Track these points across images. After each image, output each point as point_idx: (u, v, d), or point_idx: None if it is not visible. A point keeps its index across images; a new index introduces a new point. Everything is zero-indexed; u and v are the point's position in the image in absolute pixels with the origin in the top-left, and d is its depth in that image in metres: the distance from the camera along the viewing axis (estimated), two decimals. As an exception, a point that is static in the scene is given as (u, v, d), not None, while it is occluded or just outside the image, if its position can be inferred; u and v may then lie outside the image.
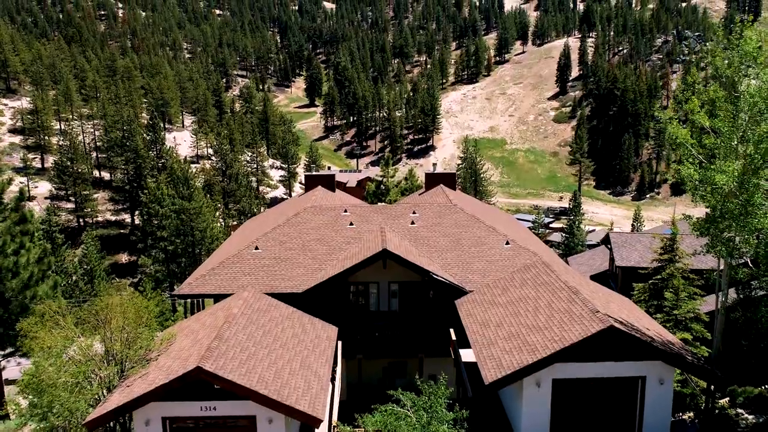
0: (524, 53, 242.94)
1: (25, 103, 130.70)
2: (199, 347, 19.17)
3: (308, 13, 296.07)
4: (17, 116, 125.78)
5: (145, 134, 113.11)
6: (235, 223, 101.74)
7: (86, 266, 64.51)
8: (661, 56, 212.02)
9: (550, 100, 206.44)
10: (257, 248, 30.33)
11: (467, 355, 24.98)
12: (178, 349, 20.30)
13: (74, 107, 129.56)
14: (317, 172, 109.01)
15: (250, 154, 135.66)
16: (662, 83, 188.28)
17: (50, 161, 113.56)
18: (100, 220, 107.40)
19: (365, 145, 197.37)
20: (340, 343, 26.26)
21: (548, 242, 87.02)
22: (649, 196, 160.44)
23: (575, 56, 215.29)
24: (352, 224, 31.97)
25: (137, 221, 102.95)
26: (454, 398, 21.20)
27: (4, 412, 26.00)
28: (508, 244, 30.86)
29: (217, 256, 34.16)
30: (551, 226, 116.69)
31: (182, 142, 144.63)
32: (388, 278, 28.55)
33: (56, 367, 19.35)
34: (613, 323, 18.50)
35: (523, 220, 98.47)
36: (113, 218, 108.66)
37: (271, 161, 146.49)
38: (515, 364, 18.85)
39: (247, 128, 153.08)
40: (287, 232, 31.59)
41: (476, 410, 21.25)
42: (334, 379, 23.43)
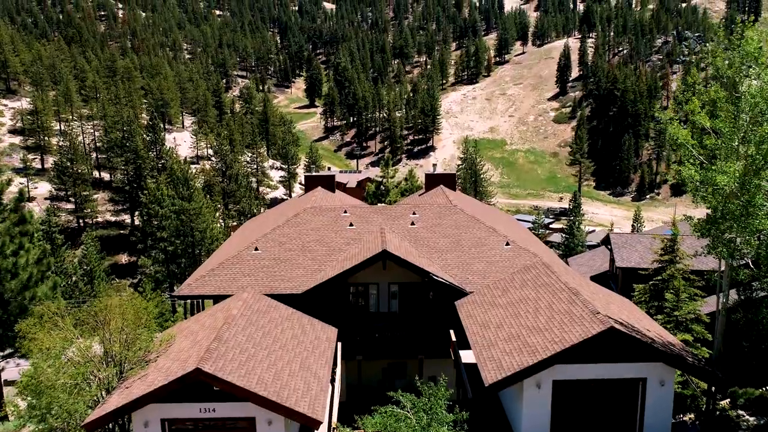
0: (524, 54, 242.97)
1: (25, 103, 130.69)
2: (198, 348, 19.11)
3: (308, 13, 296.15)
4: (17, 117, 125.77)
5: (145, 135, 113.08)
6: (234, 223, 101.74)
7: (86, 267, 64.44)
8: (661, 57, 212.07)
9: (550, 100, 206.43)
10: (257, 249, 30.29)
11: (467, 356, 24.92)
12: (177, 350, 20.24)
13: (74, 108, 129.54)
14: (317, 172, 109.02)
15: (250, 154, 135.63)
16: (662, 84, 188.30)
17: (50, 162, 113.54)
18: (99, 220, 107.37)
19: (365, 145, 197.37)
20: (339, 344, 26.21)
21: (548, 243, 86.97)
22: (649, 196, 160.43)
23: (575, 57, 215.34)
24: (352, 225, 31.93)
25: (137, 222, 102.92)
26: (454, 400, 21.16)
27: (3, 413, 25.95)
28: (508, 245, 30.81)
29: (216, 257, 34.13)
30: (551, 226, 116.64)
31: (182, 142, 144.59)
32: (387, 279, 28.52)
33: (55, 368, 19.30)
34: (613, 324, 18.45)
35: (523, 220, 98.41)
36: (113, 219, 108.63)
37: (271, 162, 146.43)
38: (515, 365, 18.80)
39: (247, 129, 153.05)
40: (287, 233, 31.55)
41: (476, 412, 21.20)
42: (333, 380, 23.39)
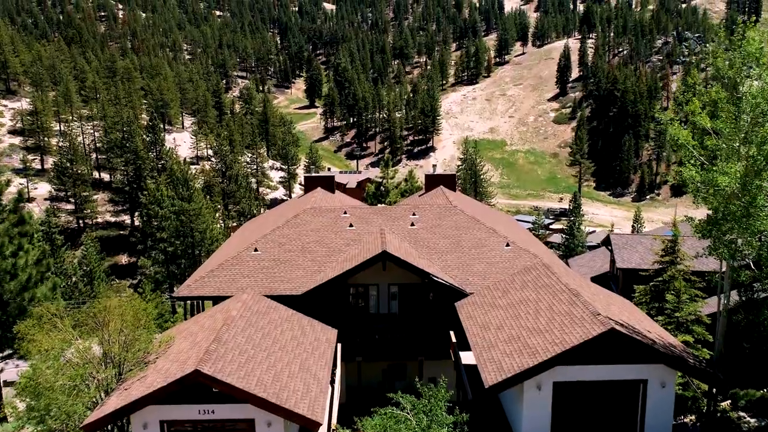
0: (524, 54, 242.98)
1: (24, 104, 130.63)
2: (197, 350, 19.05)
3: (308, 14, 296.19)
4: (17, 117, 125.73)
5: (144, 135, 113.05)
6: (234, 224, 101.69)
7: (86, 267, 64.38)
8: (661, 57, 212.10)
9: (550, 101, 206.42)
10: (256, 250, 30.22)
11: (467, 357, 24.85)
12: (176, 351, 20.18)
13: (74, 108, 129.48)
14: (317, 173, 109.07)
15: (249, 155, 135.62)
16: (662, 84, 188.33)
17: (50, 162, 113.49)
18: (99, 221, 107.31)
19: (365, 146, 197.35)
20: (339, 345, 26.14)
21: (548, 243, 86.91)
22: (649, 197, 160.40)
23: (575, 57, 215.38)
24: (351, 226, 31.86)
25: (137, 222, 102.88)
26: (454, 401, 21.08)
27: (2, 414, 25.90)
28: (508, 246, 30.74)
29: (216, 257, 34.06)
30: (551, 227, 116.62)
31: (182, 143, 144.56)
32: (387, 280, 28.45)
33: (54, 369, 19.24)
34: (614, 326, 18.37)
35: (523, 221, 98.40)
36: (113, 219, 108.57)
37: (270, 162, 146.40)
38: (516, 367, 18.72)
39: (246, 129, 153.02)
40: (286, 233, 31.48)
41: (476, 413, 21.13)
42: (333, 381, 23.32)
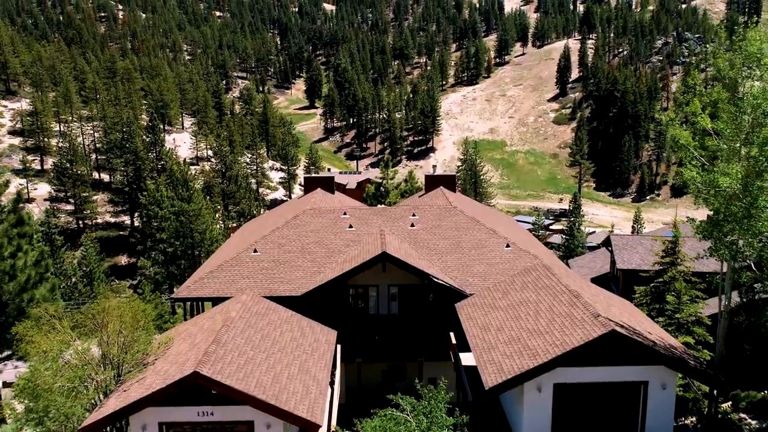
0: (524, 55, 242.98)
1: (24, 104, 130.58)
2: (196, 351, 18.97)
3: (308, 14, 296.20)
4: (17, 118, 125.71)
5: (144, 136, 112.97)
6: (234, 225, 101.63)
7: (85, 268, 64.35)
8: (661, 58, 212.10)
9: (550, 101, 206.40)
10: (256, 251, 30.15)
11: (467, 358, 24.77)
12: (175, 353, 20.11)
13: (74, 109, 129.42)
14: (317, 173, 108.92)
15: (249, 155, 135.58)
16: (662, 85, 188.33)
17: (50, 163, 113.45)
18: (99, 221, 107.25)
19: (365, 146, 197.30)
20: (339, 346, 26.06)
21: (548, 244, 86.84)
22: (649, 197, 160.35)
23: (575, 58, 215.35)
24: (351, 227, 31.78)
25: (137, 223, 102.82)
26: (454, 403, 20.98)
27: (1, 415, 25.82)
28: (508, 246, 30.67)
29: (215, 258, 34.00)
30: (551, 227, 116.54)
31: (182, 143, 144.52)
32: (387, 281, 28.39)
33: (52, 371, 19.17)
34: (614, 327, 18.30)
35: (523, 221, 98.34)
36: (113, 220, 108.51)
37: (270, 163, 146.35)
38: (516, 368, 18.65)
39: (246, 130, 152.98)
40: (286, 234, 31.41)
41: (477, 415, 21.05)
42: (333, 383, 23.25)
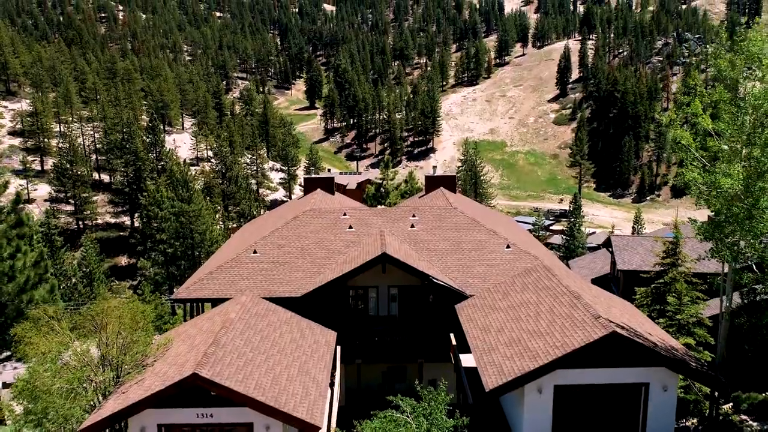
0: (524, 55, 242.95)
1: (24, 105, 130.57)
2: (195, 353, 18.90)
3: (308, 15, 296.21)
4: (17, 118, 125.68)
5: (144, 136, 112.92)
6: (234, 225, 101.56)
7: (85, 269, 64.32)
8: (661, 58, 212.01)
9: (550, 102, 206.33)
10: (255, 252, 30.08)
11: (467, 360, 24.69)
12: (174, 354, 20.03)
13: (74, 109, 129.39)
14: (317, 174, 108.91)
15: (249, 156, 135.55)
16: (662, 85, 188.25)
17: (50, 163, 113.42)
18: (99, 222, 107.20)
19: (365, 147, 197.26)
20: (339, 348, 25.98)
21: (548, 245, 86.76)
22: (649, 198, 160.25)
23: (575, 58, 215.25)
24: (351, 228, 31.71)
25: (137, 224, 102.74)
26: (454, 404, 20.90)
27: (0, 416, 25.76)
28: (508, 247, 30.59)
29: (215, 259, 33.94)
30: (551, 228, 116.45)
31: (182, 144, 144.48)
32: (387, 282, 28.31)
33: (51, 372, 19.09)
34: (615, 329, 18.23)
35: (523, 222, 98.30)
36: (113, 221, 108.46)
37: (271, 163, 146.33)
38: (516, 370, 18.58)
39: (247, 130, 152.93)
40: (286, 235, 31.34)
41: (477, 417, 20.97)
42: (332, 384, 23.17)
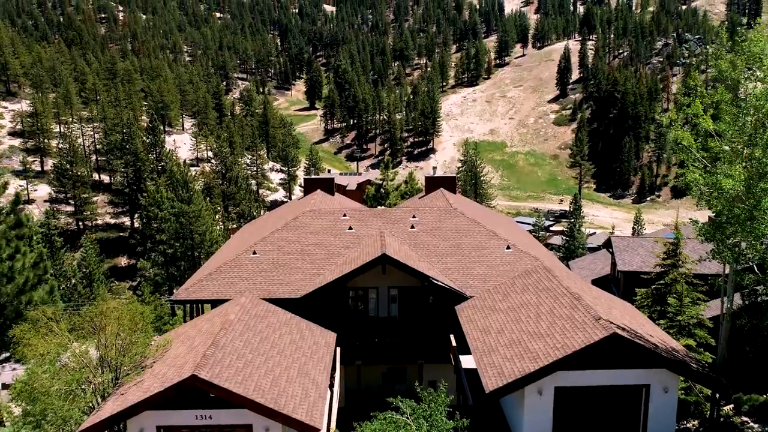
0: (524, 56, 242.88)
1: (24, 106, 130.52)
2: (194, 354, 18.84)
3: (308, 16, 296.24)
4: (17, 119, 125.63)
5: (144, 137, 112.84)
6: (234, 226, 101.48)
7: (85, 269, 64.26)
8: (661, 59, 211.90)
9: (550, 102, 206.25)
10: (255, 253, 30.01)
11: (468, 361, 24.62)
12: (173, 356, 19.97)
13: (74, 110, 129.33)
14: (317, 174, 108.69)
15: (250, 157, 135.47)
16: (663, 86, 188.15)
17: (50, 164, 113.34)
18: (99, 223, 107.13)
19: (365, 147, 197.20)
20: (338, 349, 25.91)
21: (548, 245, 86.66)
22: (649, 198, 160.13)
23: (575, 59, 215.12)
24: (351, 228, 31.65)
25: (137, 224, 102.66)
26: (454, 406, 20.84)
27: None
28: (509, 248, 30.52)
29: (214, 260, 33.87)
30: (551, 229, 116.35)
31: (182, 145, 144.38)
32: (387, 283, 28.25)
33: (50, 374, 19.03)
34: (616, 330, 18.16)
35: (523, 223, 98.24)
36: (113, 221, 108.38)
37: (271, 164, 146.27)
38: (516, 371, 18.51)
39: (247, 131, 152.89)
40: (285, 236, 31.27)
41: (477, 418, 20.90)
42: (332, 385, 23.11)
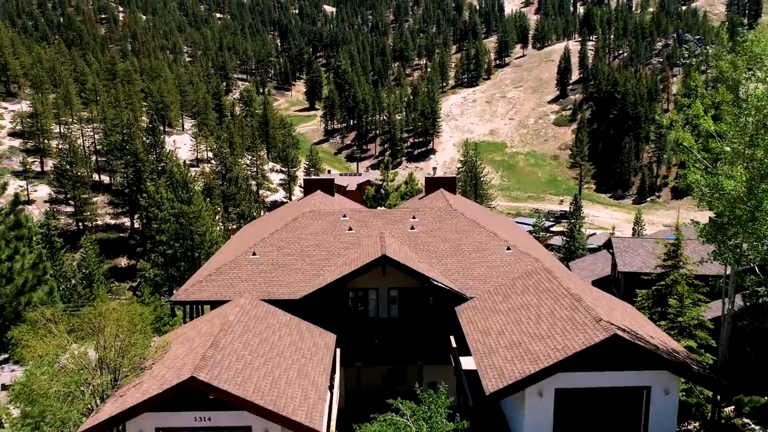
0: (524, 57, 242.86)
1: (24, 106, 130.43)
2: (194, 356, 18.78)
3: (308, 16, 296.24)
4: (17, 120, 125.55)
5: (144, 138, 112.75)
6: (234, 226, 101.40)
7: (85, 270, 64.14)
8: (661, 59, 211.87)
9: (550, 103, 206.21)
10: (255, 254, 29.95)
11: (468, 362, 24.55)
12: (173, 357, 19.91)
13: (74, 111, 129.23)
14: (317, 175, 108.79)
15: (250, 157, 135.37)
16: (663, 86, 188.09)
17: (50, 165, 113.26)
18: (99, 223, 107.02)
19: (365, 148, 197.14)
20: (338, 350, 25.85)
21: (549, 246, 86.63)
22: (649, 199, 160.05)
23: (575, 59, 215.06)
24: (351, 229, 31.58)
25: (137, 225, 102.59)
26: (454, 407, 20.78)
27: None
28: (509, 249, 30.46)
29: (214, 261, 33.81)
30: (552, 229, 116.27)
31: (182, 145, 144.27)
32: (387, 284, 28.19)
33: (48, 376, 18.97)
34: (617, 332, 18.09)
35: (523, 223, 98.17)
36: (113, 222, 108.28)
37: (271, 165, 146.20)
38: (517, 373, 18.44)
39: (247, 132, 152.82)
40: (285, 237, 31.21)
41: (477, 420, 20.83)
42: (332, 387, 23.04)
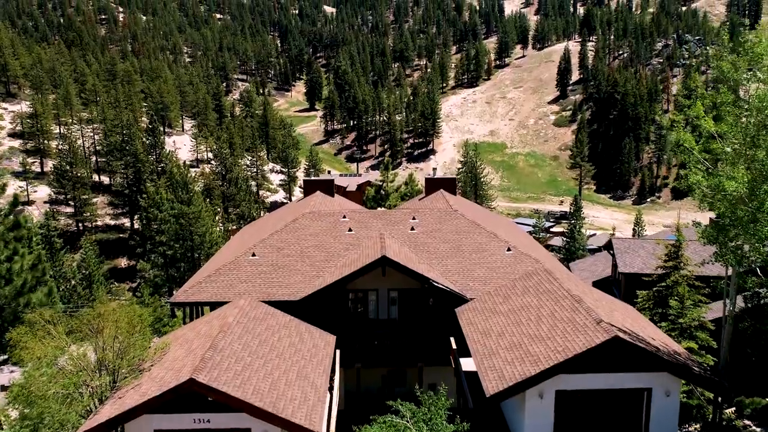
0: (524, 57, 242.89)
1: (24, 107, 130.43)
2: (193, 357, 18.72)
3: (308, 17, 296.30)
4: (17, 120, 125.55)
5: (144, 138, 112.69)
6: (234, 227, 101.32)
7: (85, 271, 64.03)
8: (661, 60, 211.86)
9: (550, 103, 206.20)
10: (254, 255, 29.88)
11: (468, 364, 24.49)
12: (171, 359, 19.85)
13: (74, 111, 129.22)
14: (317, 176, 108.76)
15: (250, 158, 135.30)
16: (663, 87, 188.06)
17: (50, 165, 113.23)
18: (99, 224, 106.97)
19: (365, 149, 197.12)
20: (338, 351, 25.77)
21: (549, 246, 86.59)
22: (650, 200, 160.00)
23: (575, 60, 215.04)
24: (350, 230, 31.52)
25: (136, 226, 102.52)
26: (454, 409, 20.71)
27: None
28: (509, 250, 30.39)
29: (214, 262, 33.74)
30: (552, 230, 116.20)
31: (182, 146, 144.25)
32: (387, 285, 28.12)
33: (47, 377, 18.91)
34: (617, 333, 18.03)
35: (523, 224, 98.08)
36: (112, 222, 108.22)
37: (271, 165, 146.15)
38: (517, 375, 18.38)
39: (247, 132, 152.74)
40: (285, 238, 31.14)
41: (477, 422, 20.76)
42: (331, 388, 22.97)
